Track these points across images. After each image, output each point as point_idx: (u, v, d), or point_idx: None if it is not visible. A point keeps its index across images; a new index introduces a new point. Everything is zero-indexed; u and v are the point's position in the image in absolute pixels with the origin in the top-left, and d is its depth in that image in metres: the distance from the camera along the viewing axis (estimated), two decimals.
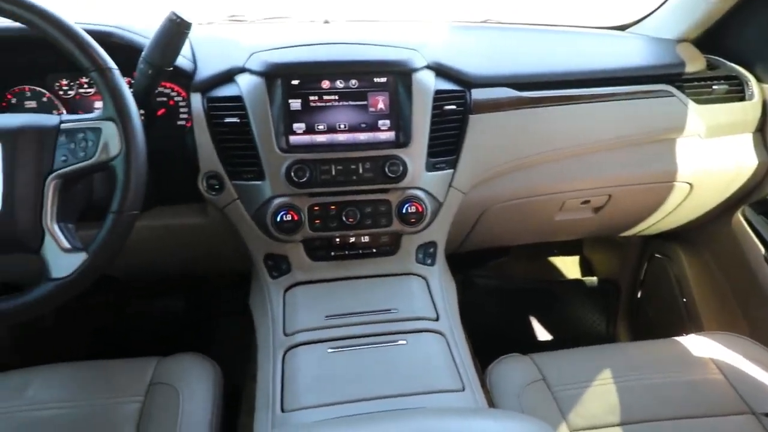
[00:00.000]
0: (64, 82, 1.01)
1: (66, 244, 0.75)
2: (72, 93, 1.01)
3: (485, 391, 0.89)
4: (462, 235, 1.23)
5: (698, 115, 1.15)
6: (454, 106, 1.03)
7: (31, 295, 0.75)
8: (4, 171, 0.73)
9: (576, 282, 1.84)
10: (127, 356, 0.98)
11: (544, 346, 1.21)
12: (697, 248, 1.48)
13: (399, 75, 0.99)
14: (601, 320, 1.75)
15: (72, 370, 0.95)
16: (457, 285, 1.10)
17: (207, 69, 1.00)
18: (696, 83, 1.17)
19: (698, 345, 1.05)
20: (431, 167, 1.03)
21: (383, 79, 0.99)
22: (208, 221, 1.07)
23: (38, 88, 1.00)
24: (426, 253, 1.08)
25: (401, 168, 0.99)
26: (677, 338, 1.08)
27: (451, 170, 1.05)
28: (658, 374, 0.97)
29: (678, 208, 1.29)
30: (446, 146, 1.04)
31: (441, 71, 1.04)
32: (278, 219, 0.99)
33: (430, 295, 1.01)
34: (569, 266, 1.90)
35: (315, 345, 0.89)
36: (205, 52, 1.03)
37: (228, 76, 0.99)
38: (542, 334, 1.72)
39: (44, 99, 1.00)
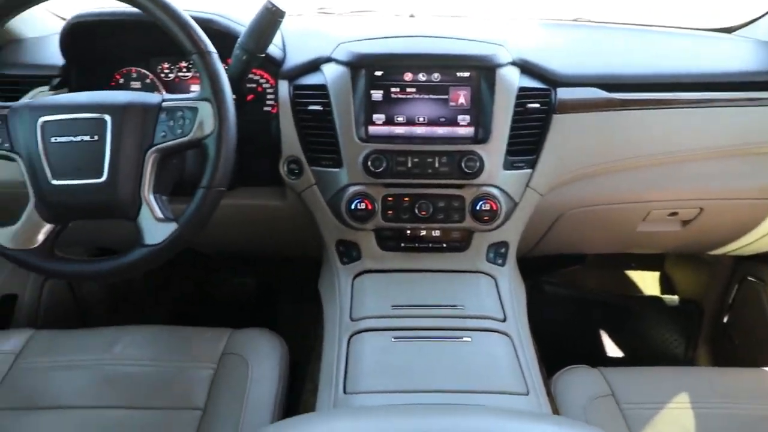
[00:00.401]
0: (166, 65, 1.08)
1: (159, 214, 0.81)
2: (172, 76, 1.09)
3: (550, 399, 0.86)
4: (535, 238, 1.20)
5: None
6: (537, 105, 1.00)
7: (125, 258, 0.82)
8: (111, 142, 0.80)
9: (654, 299, 1.73)
10: (202, 326, 1.04)
11: (614, 363, 1.15)
12: None
13: (483, 70, 0.98)
14: (679, 342, 1.63)
15: (155, 333, 1.02)
16: (525, 289, 1.07)
17: (295, 58, 1.03)
18: None
19: None
20: (509, 166, 1.01)
21: (466, 74, 0.98)
22: (286, 205, 1.11)
23: (143, 70, 1.08)
24: (497, 252, 1.06)
25: (478, 164, 0.98)
26: None
27: (529, 170, 1.02)
28: (744, 404, 0.89)
29: None
30: (526, 145, 1.01)
31: (526, 68, 1.02)
32: (352, 206, 1.00)
33: (498, 295, 0.99)
34: (648, 282, 1.79)
35: (380, 332, 0.90)
36: (295, 41, 1.07)
37: (314, 65, 1.02)
38: (613, 350, 1.64)
39: (147, 80, 1.08)
